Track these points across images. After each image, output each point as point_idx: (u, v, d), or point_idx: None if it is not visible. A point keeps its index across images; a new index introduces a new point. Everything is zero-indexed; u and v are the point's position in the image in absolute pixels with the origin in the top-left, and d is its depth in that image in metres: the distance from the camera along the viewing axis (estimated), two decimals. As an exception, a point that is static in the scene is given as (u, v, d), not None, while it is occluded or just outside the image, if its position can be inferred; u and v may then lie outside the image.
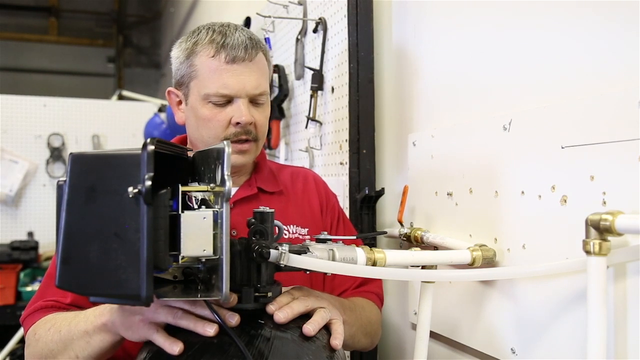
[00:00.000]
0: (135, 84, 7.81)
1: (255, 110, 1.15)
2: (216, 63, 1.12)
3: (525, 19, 1.02)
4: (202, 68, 1.13)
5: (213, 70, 1.12)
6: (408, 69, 1.42)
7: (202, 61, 1.13)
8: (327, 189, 1.37)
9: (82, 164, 0.79)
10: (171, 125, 3.48)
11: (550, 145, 0.92)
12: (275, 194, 1.26)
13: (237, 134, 1.14)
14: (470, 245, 1.07)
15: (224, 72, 1.12)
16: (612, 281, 0.81)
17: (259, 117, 1.16)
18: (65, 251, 0.77)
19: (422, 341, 1.09)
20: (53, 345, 1.00)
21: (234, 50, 1.11)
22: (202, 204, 0.85)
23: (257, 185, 1.24)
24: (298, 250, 0.91)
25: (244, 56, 1.12)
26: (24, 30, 8.04)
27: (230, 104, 1.13)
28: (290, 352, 0.85)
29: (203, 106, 1.14)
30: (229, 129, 1.14)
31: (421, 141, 1.32)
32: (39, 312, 1.10)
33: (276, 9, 2.08)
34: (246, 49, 1.12)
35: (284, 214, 1.23)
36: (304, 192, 1.31)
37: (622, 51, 0.83)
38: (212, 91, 1.12)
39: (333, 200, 1.36)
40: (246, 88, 1.13)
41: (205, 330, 0.84)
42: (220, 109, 1.13)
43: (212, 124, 1.14)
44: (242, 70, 1.12)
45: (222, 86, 1.12)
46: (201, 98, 1.14)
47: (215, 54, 1.12)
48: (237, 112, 1.12)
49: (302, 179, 1.34)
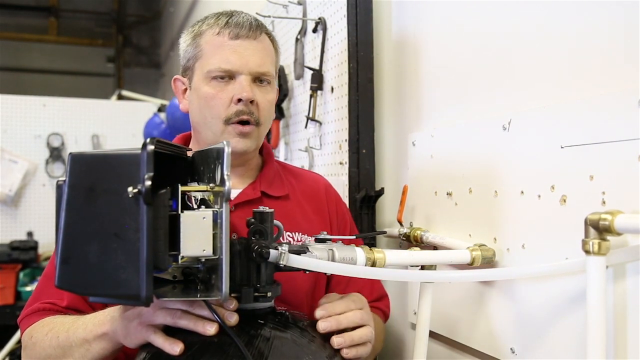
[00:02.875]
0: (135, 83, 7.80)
1: (258, 90, 1.14)
2: (220, 39, 1.13)
3: (524, 19, 1.02)
4: (207, 46, 1.14)
5: (217, 47, 1.13)
6: (408, 68, 1.42)
7: (207, 39, 1.14)
8: (338, 198, 1.34)
9: (82, 163, 0.79)
10: (171, 125, 3.48)
11: (549, 145, 0.92)
12: (280, 198, 1.22)
13: (238, 113, 1.12)
14: (470, 245, 1.07)
15: (227, 48, 1.12)
16: (612, 281, 0.81)
17: (262, 99, 1.15)
18: (64, 251, 0.77)
19: (422, 341, 1.09)
20: (51, 351, 1.00)
21: (237, 27, 1.12)
22: (201, 203, 0.85)
23: (261, 188, 1.20)
24: (297, 250, 0.91)
25: (247, 33, 1.13)
26: (23, 30, 8.04)
27: (233, 81, 1.13)
28: (289, 352, 0.85)
29: (206, 84, 1.13)
30: (230, 107, 1.12)
31: (421, 141, 1.32)
32: (36, 314, 1.09)
33: (276, 8, 2.08)
34: (250, 26, 1.13)
35: (289, 219, 1.18)
36: (312, 199, 1.27)
37: (621, 51, 0.83)
38: (214, 66, 1.12)
39: (343, 209, 1.34)
40: (249, 64, 1.12)
41: (205, 330, 0.84)
42: (222, 86, 1.13)
43: (215, 102, 1.12)
44: (246, 47, 1.13)
45: (224, 61, 1.12)
46: (204, 76, 1.13)
47: (220, 31, 1.13)
48: (238, 88, 1.12)
49: (312, 184, 1.30)
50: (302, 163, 1.92)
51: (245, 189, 1.20)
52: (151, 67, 8.69)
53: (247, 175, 1.23)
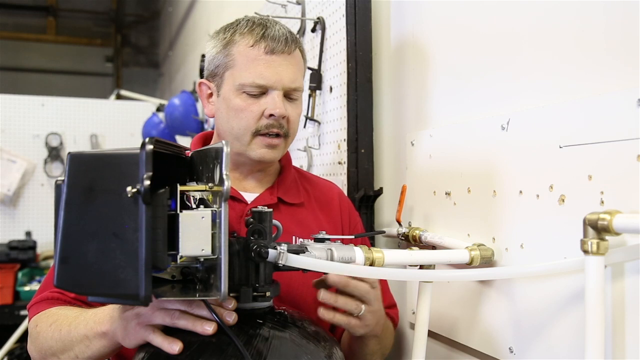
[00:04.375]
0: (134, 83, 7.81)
1: (289, 105, 1.14)
2: (255, 52, 1.11)
3: (524, 19, 1.02)
4: (240, 57, 1.12)
5: (251, 60, 1.11)
6: (406, 68, 1.43)
7: (240, 50, 1.12)
8: (351, 207, 1.35)
9: (81, 163, 0.79)
10: (169, 125, 3.48)
11: (548, 144, 0.92)
12: (295, 205, 1.23)
13: (269, 126, 1.12)
14: (469, 245, 1.07)
15: (261, 62, 1.11)
16: (610, 280, 0.81)
17: (292, 113, 1.15)
18: (63, 251, 0.76)
19: (421, 341, 1.09)
20: (52, 343, 1.01)
21: (274, 42, 1.11)
22: (200, 203, 0.85)
23: (278, 194, 1.21)
24: (296, 250, 0.91)
25: (283, 48, 1.11)
26: (22, 29, 8.04)
27: (265, 96, 1.12)
28: (288, 352, 0.85)
29: (237, 96, 1.12)
30: (261, 121, 1.12)
31: (419, 141, 1.32)
32: (45, 302, 1.10)
33: (274, 8, 2.08)
34: (286, 41, 1.12)
35: (303, 226, 1.20)
36: (325, 207, 1.28)
37: (620, 51, 0.83)
38: (247, 81, 1.11)
39: (356, 219, 1.34)
40: (283, 80, 1.11)
41: (204, 329, 0.84)
42: (254, 99, 1.12)
43: (245, 115, 1.12)
44: (281, 62, 1.12)
45: (258, 76, 1.10)
46: (235, 88, 1.12)
47: (254, 44, 1.11)
48: (271, 104, 1.11)
49: (326, 192, 1.31)
50: (301, 163, 1.92)
51: (263, 194, 1.20)
52: (150, 66, 8.69)
53: (265, 181, 1.23)
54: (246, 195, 1.19)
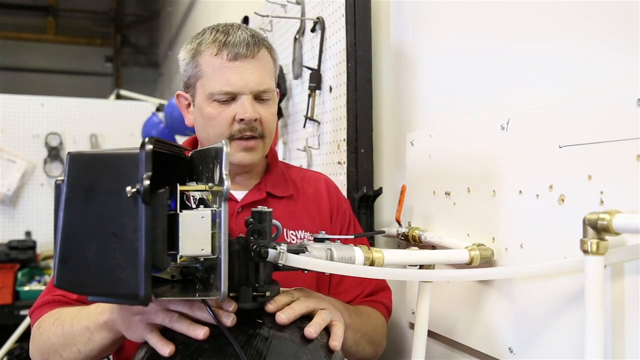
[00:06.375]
0: (133, 83, 7.81)
1: (260, 107, 1.16)
2: (219, 61, 1.13)
3: (523, 19, 1.02)
4: (206, 67, 1.15)
5: (216, 68, 1.13)
6: (406, 68, 1.43)
7: (206, 60, 1.15)
8: (339, 194, 1.37)
9: (80, 163, 0.79)
10: (169, 125, 3.48)
11: (548, 144, 0.92)
12: (284, 198, 1.25)
13: (241, 130, 1.14)
14: (468, 245, 1.07)
15: (226, 70, 1.13)
16: (610, 280, 0.81)
17: (265, 114, 1.16)
18: (63, 251, 0.76)
19: (420, 340, 1.09)
20: (55, 339, 1.02)
21: (235, 48, 1.13)
22: (200, 203, 0.85)
23: (266, 189, 1.24)
24: (296, 250, 0.91)
25: (245, 53, 1.13)
26: (21, 29, 8.04)
27: (235, 101, 1.14)
28: (288, 352, 0.85)
29: (208, 105, 1.15)
30: (233, 126, 1.14)
31: (419, 141, 1.32)
32: (46, 306, 1.11)
33: (274, 8, 2.08)
34: (248, 45, 1.13)
35: (293, 218, 1.23)
36: (314, 197, 1.30)
37: (619, 51, 0.83)
38: (215, 89, 1.13)
39: (344, 206, 1.35)
40: (249, 85, 1.13)
41: (195, 334, 0.84)
42: (224, 106, 1.14)
43: (217, 122, 1.14)
44: (245, 67, 1.13)
45: (225, 83, 1.13)
46: (206, 97, 1.15)
47: (218, 52, 1.13)
48: (241, 109, 1.13)
49: (314, 183, 1.33)
50: (301, 162, 1.92)
51: (251, 191, 1.24)
52: (149, 66, 8.69)
53: (253, 178, 1.26)
54: (236, 193, 1.22)
